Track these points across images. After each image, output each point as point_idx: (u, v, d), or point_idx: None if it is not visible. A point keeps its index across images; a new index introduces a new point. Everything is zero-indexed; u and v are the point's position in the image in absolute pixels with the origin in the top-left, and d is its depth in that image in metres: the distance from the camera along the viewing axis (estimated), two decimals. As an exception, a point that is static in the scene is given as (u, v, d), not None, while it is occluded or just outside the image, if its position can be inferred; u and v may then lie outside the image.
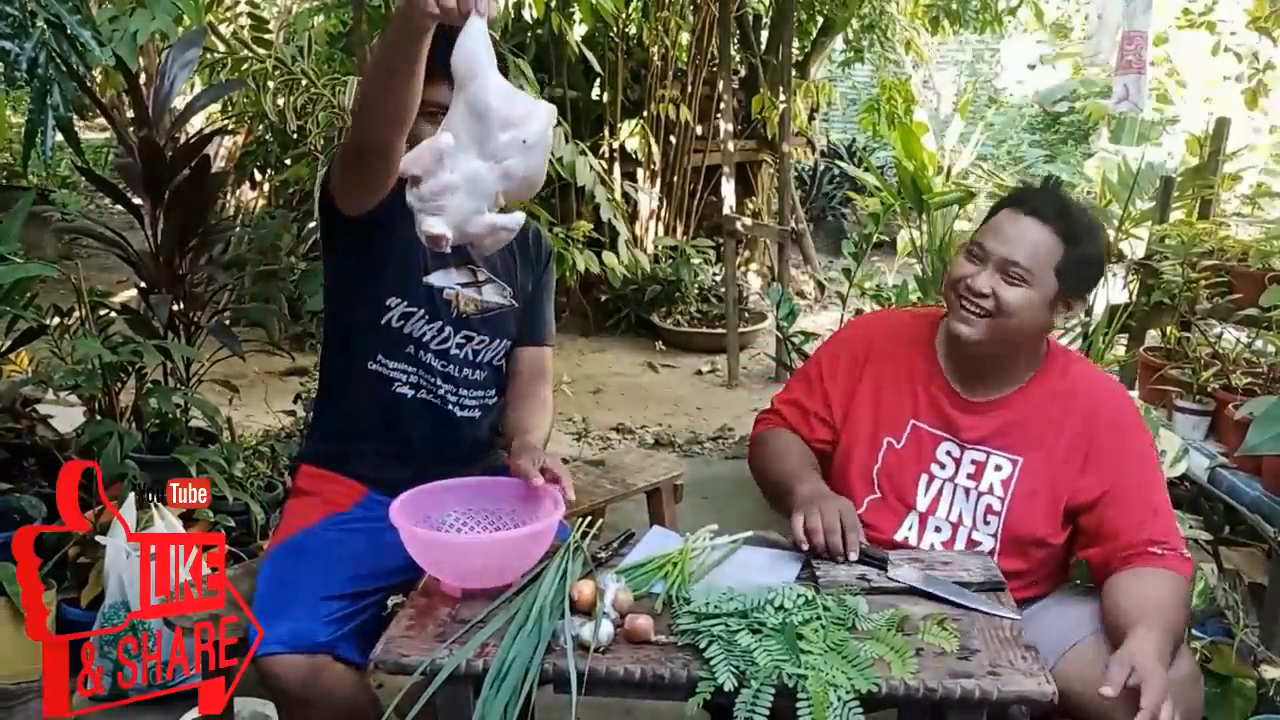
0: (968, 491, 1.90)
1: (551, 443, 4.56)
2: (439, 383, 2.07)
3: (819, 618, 1.56)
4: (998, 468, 1.90)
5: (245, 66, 4.41)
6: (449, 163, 1.50)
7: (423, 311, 2.03)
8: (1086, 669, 1.65)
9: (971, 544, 1.90)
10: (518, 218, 1.59)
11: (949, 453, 1.93)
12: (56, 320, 3.06)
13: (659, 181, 6.71)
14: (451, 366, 2.08)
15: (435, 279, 2.04)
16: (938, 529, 1.92)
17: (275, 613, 1.81)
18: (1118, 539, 1.80)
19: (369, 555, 1.91)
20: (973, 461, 1.91)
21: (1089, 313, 3.61)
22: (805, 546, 1.79)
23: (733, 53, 6.44)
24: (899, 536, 1.93)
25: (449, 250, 1.63)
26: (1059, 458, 1.87)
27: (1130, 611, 1.68)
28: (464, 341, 2.08)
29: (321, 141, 3.91)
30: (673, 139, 6.68)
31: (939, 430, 1.93)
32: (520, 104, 1.52)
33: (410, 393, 2.06)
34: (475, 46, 1.49)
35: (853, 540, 1.77)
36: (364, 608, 1.89)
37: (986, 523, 1.89)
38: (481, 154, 1.51)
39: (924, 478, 1.93)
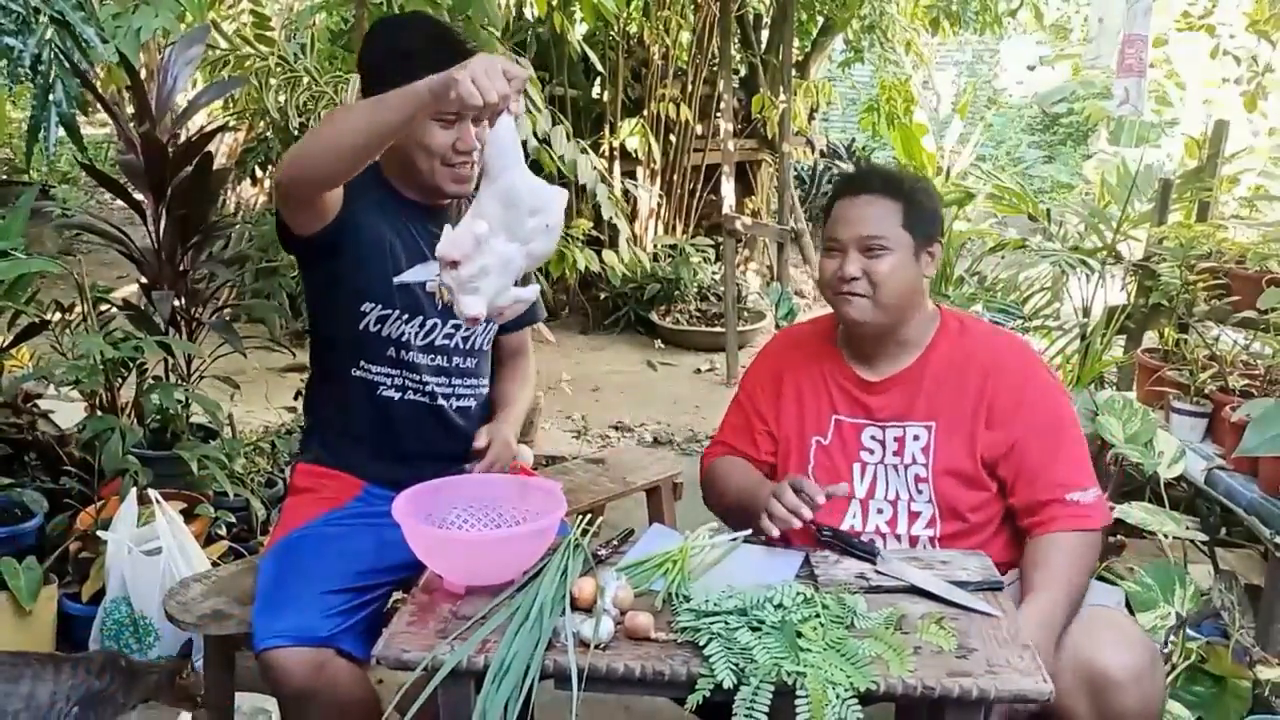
0: (896, 468, 1.98)
1: (551, 441, 4.59)
2: (426, 379, 2.08)
3: (818, 616, 1.57)
4: (916, 437, 1.97)
5: (248, 64, 4.41)
6: (485, 246, 1.63)
7: (399, 311, 2.04)
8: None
9: (913, 516, 1.97)
10: (534, 288, 1.77)
11: (873, 437, 2.00)
12: (58, 316, 3.07)
13: (659, 180, 6.72)
14: (441, 358, 2.09)
15: (414, 274, 2.04)
16: (879, 510, 1.99)
17: (277, 607, 1.82)
18: (1034, 483, 1.91)
19: (370, 550, 1.93)
20: (895, 439, 1.98)
21: (1087, 313, 3.63)
22: (776, 533, 1.84)
23: (733, 52, 6.45)
24: (845, 526, 1.97)
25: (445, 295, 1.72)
26: (967, 416, 1.95)
27: (1030, 579, 1.83)
28: (453, 331, 2.09)
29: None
30: (673, 138, 6.69)
31: (858, 419, 2.02)
32: (544, 192, 1.68)
33: (397, 395, 2.07)
34: (508, 142, 1.63)
35: (813, 488, 1.83)
36: (365, 602, 1.90)
37: (919, 491, 1.96)
38: (510, 237, 1.66)
39: (857, 467, 2.00)
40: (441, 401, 2.10)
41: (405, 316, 2.04)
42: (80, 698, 2.09)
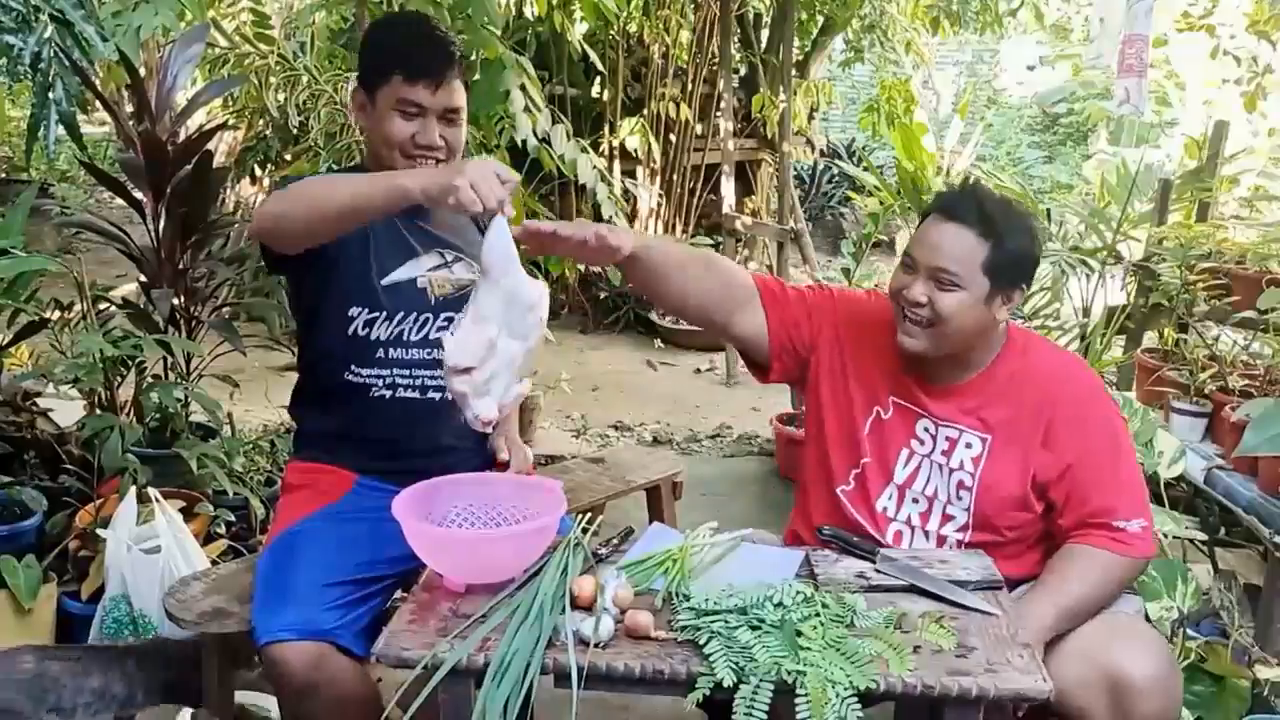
0: (941, 467, 1.95)
1: (551, 440, 4.59)
2: (417, 373, 2.08)
3: (818, 615, 1.57)
4: (968, 445, 1.94)
5: (247, 62, 4.40)
6: (494, 350, 1.68)
7: (386, 313, 2.05)
8: (1063, 663, 1.68)
9: (946, 518, 1.95)
10: (525, 384, 1.80)
11: (926, 429, 1.97)
12: (57, 314, 3.07)
13: (659, 179, 6.72)
14: (437, 350, 2.06)
15: (404, 272, 2.06)
16: (915, 500, 1.97)
17: (278, 602, 1.83)
18: (1082, 508, 1.88)
19: (367, 543, 1.93)
20: (946, 438, 1.95)
21: (1087, 313, 3.63)
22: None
23: (733, 52, 6.45)
24: (879, 506, 1.97)
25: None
26: (1023, 436, 1.92)
27: (1043, 580, 1.83)
28: (446, 324, 2.08)
29: (322, 138, 3.91)
30: (673, 137, 6.69)
31: (915, 407, 1.98)
32: (534, 287, 1.73)
33: (388, 393, 2.07)
34: (506, 244, 1.69)
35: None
36: (365, 596, 1.91)
37: (959, 498, 1.94)
38: (512, 335, 1.71)
39: (905, 452, 1.98)
40: (433, 394, 2.09)
41: (395, 316, 2.05)
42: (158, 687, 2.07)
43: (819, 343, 2.04)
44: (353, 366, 2.06)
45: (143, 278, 3.27)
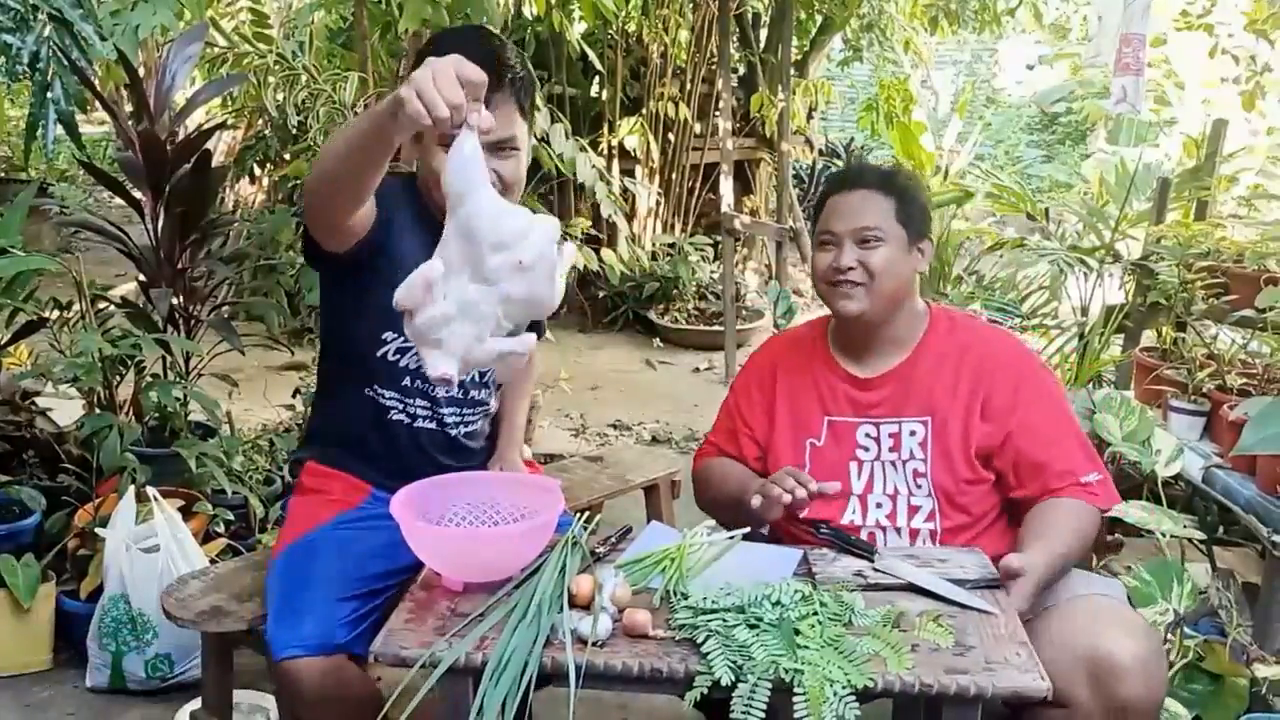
0: (894, 464, 2.00)
1: (549, 439, 4.58)
2: (440, 410, 2.03)
3: (816, 613, 1.57)
4: (912, 433, 2.00)
5: (246, 61, 4.41)
6: (439, 291, 1.42)
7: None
8: (1045, 648, 1.67)
9: (913, 510, 1.98)
10: (527, 340, 1.50)
11: (868, 434, 2.02)
12: (56, 313, 3.07)
13: (658, 179, 6.72)
14: (459, 391, 2.04)
15: None
16: (878, 504, 2.00)
17: (294, 615, 1.79)
18: (1042, 473, 1.94)
19: (382, 554, 1.89)
20: (890, 435, 2.01)
21: (1085, 312, 3.63)
22: (766, 507, 1.85)
23: (732, 51, 6.45)
24: (845, 520, 1.99)
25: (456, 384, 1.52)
26: (961, 411, 1.98)
27: (1025, 533, 1.88)
28: None
29: (321, 137, 3.91)
30: (671, 136, 6.69)
31: (851, 417, 2.04)
32: (512, 222, 1.42)
33: (407, 420, 2.02)
34: (467, 163, 1.41)
35: (806, 477, 1.85)
36: (377, 606, 1.87)
37: (919, 486, 1.98)
38: (475, 277, 1.42)
39: (853, 465, 2.02)
40: (452, 431, 2.06)
41: None
42: None
43: (757, 427, 2.12)
44: (376, 385, 2.00)
45: (141, 277, 3.27)
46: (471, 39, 1.92)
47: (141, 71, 3.63)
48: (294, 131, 4.26)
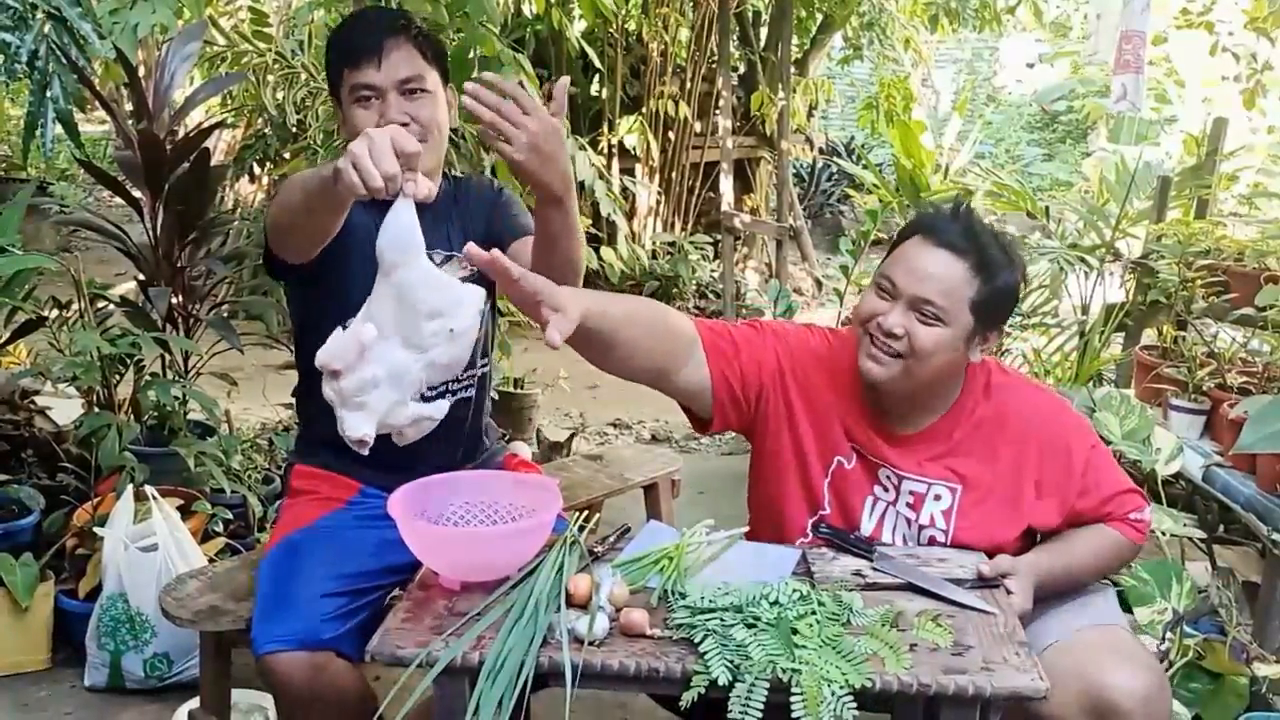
0: (909, 521, 1.86)
1: (548, 437, 4.55)
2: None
3: (814, 613, 1.57)
4: (937, 497, 1.84)
5: (245, 60, 4.40)
6: (372, 354, 1.42)
7: None
8: (1048, 676, 1.65)
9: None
10: (440, 406, 1.57)
11: (888, 478, 1.86)
12: (55, 312, 3.07)
13: (658, 177, 6.73)
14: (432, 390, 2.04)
15: None
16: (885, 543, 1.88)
17: (278, 611, 1.80)
18: (1100, 514, 1.88)
19: (369, 551, 1.90)
20: (911, 492, 1.85)
21: (1086, 310, 3.63)
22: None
23: (732, 49, 6.45)
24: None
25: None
26: (1006, 491, 1.83)
27: (1051, 539, 1.85)
28: None
29: (321, 135, 3.90)
30: (671, 135, 6.69)
31: (875, 458, 1.86)
32: (449, 291, 1.44)
33: None
34: (403, 230, 1.41)
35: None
36: (365, 604, 1.88)
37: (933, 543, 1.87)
38: (406, 344, 1.44)
39: (869, 500, 1.87)
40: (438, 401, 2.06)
41: None
42: None
43: (765, 392, 1.86)
44: None
45: (141, 276, 3.27)
46: (360, 11, 2.08)
47: (140, 70, 3.63)
48: (293, 130, 4.25)
